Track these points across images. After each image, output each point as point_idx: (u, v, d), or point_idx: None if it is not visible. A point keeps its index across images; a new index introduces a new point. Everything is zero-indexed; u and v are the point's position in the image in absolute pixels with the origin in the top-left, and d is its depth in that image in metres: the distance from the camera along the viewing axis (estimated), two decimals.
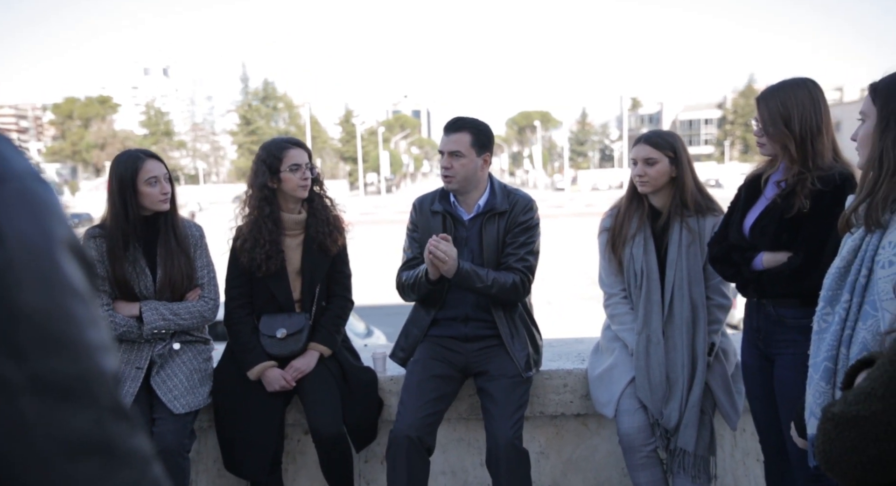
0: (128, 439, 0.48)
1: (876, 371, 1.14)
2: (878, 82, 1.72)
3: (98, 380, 0.47)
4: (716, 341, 2.73)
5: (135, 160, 2.69)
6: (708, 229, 2.72)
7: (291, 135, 38.97)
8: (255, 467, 2.72)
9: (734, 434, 3.00)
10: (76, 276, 0.47)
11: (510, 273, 2.73)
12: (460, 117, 2.83)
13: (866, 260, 1.66)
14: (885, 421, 1.09)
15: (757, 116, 2.40)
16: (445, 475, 3.08)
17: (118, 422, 0.48)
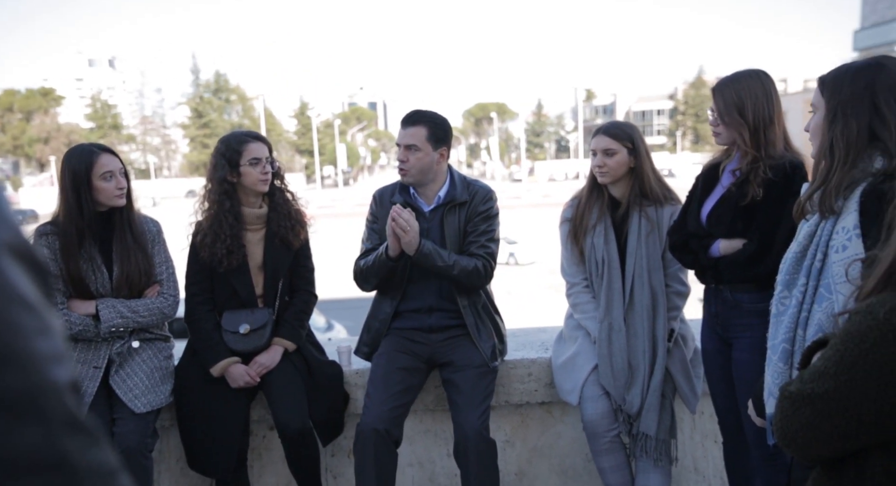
0: (86, 453, 0.45)
1: (828, 351, 1.19)
2: (826, 75, 1.79)
3: (48, 393, 0.44)
4: (675, 327, 2.79)
5: (89, 154, 2.61)
6: (666, 219, 2.78)
7: (246, 128, 38.21)
8: (221, 465, 2.68)
9: (693, 417, 3.08)
10: (21, 282, 0.44)
11: (472, 258, 2.76)
12: (417, 111, 2.83)
13: (821, 245, 1.73)
14: (837, 398, 1.15)
15: (713, 105, 2.46)
16: (413, 466, 3.09)
17: (74, 436, 0.44)
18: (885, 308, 1.11)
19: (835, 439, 1.18)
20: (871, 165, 1.70)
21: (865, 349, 1.11)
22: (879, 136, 1.68)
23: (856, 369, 1.12)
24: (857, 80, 1.71)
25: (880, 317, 1.11)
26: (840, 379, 1.14)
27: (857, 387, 1.12)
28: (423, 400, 2.96)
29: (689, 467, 3.11)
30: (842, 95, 1.71)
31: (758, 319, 2.33)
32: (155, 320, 2.72)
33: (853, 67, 1.75)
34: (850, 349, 1.13)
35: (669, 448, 2.71)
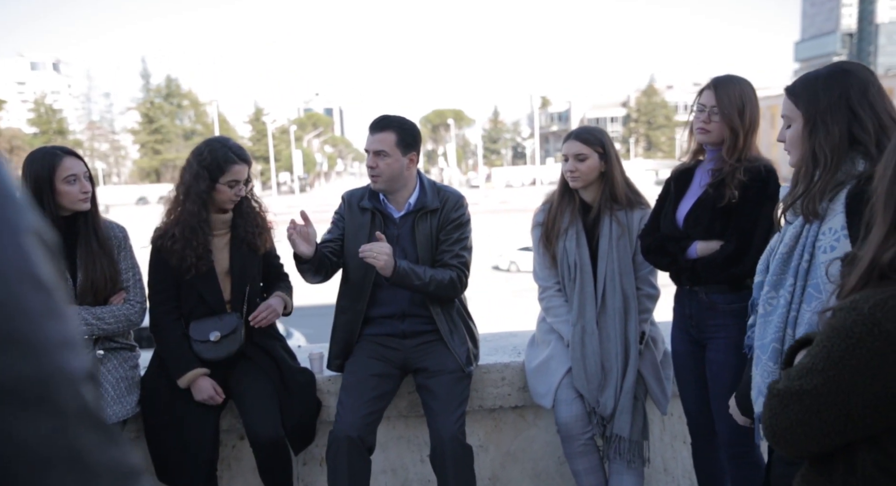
0: (103, 451, 0.42)
1: (815, 348, 1.21)
2: (795, 86, 1.84)
3: (60, 382, 0.40)
4: (646, 329, 2.83)
5: (51, 158, 2.52)
6: (636, 222, 2.82)
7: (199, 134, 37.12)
8: (192, 476, 2.61)
9: (663, 419, 3.12)
10: (40, 264, 0.42)
11: (447, 270, 2.74)
12: (386, 116, 2.81)
13: (807, 246, 1.78)
14: (826, 394, 1.17)
15: (706, 101, 2.43)
16: (386, 473, 3.06)
17: (89, 431, 0.41)
18: (868, 303, 1.14)
19: (824, 434, 1.20)
20: (853, 168, 1.76)
21: (851, 344, 1.13)
22: (859, 139, 1.74)
23: (843, 364, 1.15)
24: (831, 88, 1.76)
25: (865, 312, 1.13)
26: (827, 375, 1.17)
27: (845, 382, 1.15)
28: (397, 406, 2.93)
29: (658, 468, 3.15)
30: (819, 104, 1.76)
31: (732, 319, 2.38)
32: (121, 328, 2.64)
33: (821, 76, 1.80)
34: (837, 345, 1.15)
35: (642, 449, 2.75)
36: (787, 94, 1.85)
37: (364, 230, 2.79)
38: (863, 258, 1.23)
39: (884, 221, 1.22)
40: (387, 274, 2.61)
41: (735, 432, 2.44)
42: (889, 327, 1.12)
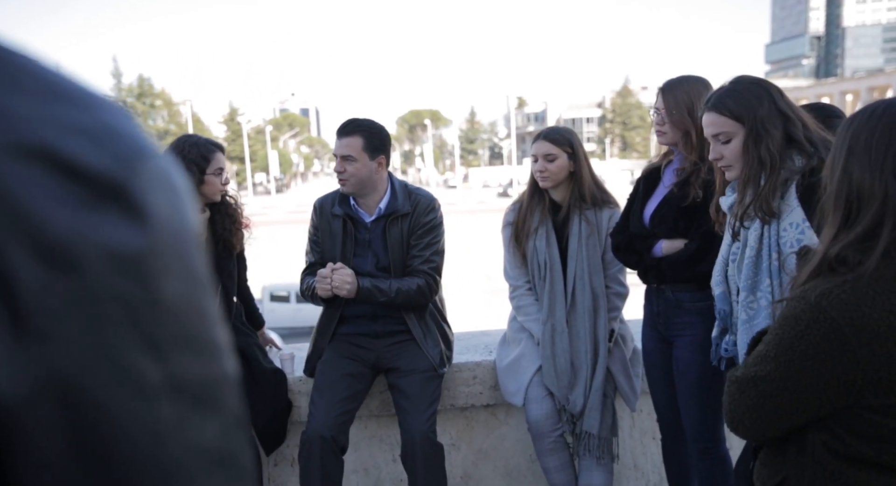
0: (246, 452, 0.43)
1: (769, 336, 1.28)
2: (727, 103, 1.94)
3: (225, 385, 0.41)
4: (615, 327, 2.87)
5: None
6: (605, 221, 2.86)
7: (172, 134, 37.03)
8: None
9: (633, 416, 3.16)
10: (205, 268, 0.43)
11: (414, 278, 2.74)
12: (353, 120, 2.80)
13: (773, 245, 1.83)
14: (777, 379, 1.24)
15: (658, 105, 2.50)
16: (358, 472, 3.06)
17: (241, 433, 0.42)
18: (815, 293, 1.21)
19: (777, 417, 1.27)
20: (793, 164, 1.84)
21: (800, 331, 1.20)
22: (794, 137, 1.86)
23: (793, 351, 1.21)
24: (760, 97, 1.90)
25: (812, 300, 1.20)
26: (779, 361, 1.23)
27: (795, 367, 1.21)
28: (368, 406, 2.93)
29: (628, 464, 3.19)
30: (758, 113, 1.86)
31: (698, 317, 2.42)
32: None
33: (744, 88, 1.94)
34: (787, 332, 1.22)
35: (611, 446, 2.78)
36: (720, 112, 1.94)
37: (338, 237, 2.79)
38: (816, 253, 1.29)
39: (833, 220, 1.27)
40: (350, 296, 2.66)
41: (701, 427, 2.49)
42: (833, 315, 1.18)
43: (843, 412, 1.22)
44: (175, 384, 0.38)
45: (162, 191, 0.40)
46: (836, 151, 1.29)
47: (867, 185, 1.21)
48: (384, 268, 2.77)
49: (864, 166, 1.22)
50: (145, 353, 0.37)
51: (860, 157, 1.22)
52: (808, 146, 1.83)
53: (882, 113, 1.22)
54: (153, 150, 0.41)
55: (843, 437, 1.23)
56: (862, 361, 1.17)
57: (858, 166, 1.22)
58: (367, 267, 2.77)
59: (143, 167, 0.39)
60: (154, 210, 0.38)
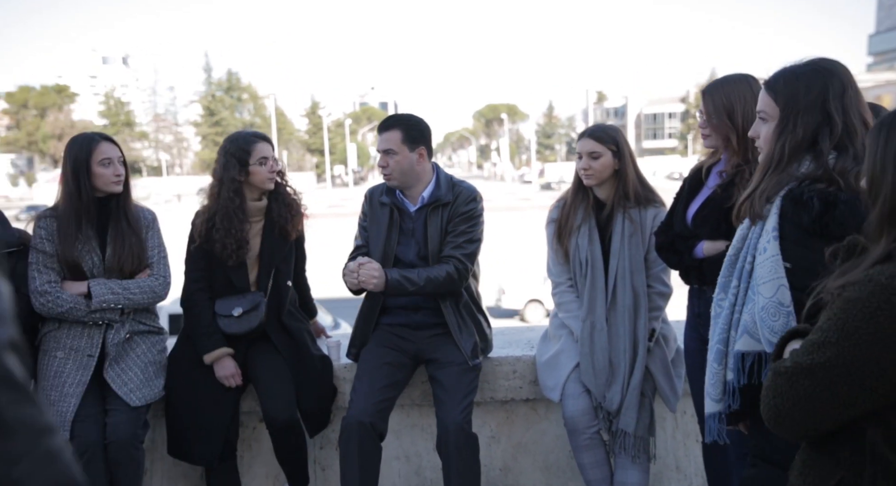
0: (18, 409, 0.47)
1: (826, 323, 1.24)
2: (775, 82, 1.79)
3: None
4: (656, 327, 2.84)
5: (89, 141, 2.74)
6: (649, 220, 2.84)
7: (257, 126, 38.07)
8: (206, 452, 2.76)
9: (676, 417, 3.13)
10: None
11: (444, 265, 2.79)
12: (392, 115, 2.93)
13: (751, 248, 1.78)
14: (840, 365, 1.20)
15: (702, 108, 2.50)
16: (399, 459, 3.16)
17: (6, 391, 0.47)
18: (885, 274, 1.18)
19: (834, 408, 1.22)
20: (798, 169, 1.74)
21: (869, 313, 1.17)
22: (819, 142, 1.72)
23: (859, 335, 1.18)
24: (811, 87, 1.72)
25: (882, 282, 1.17)
26: (842, 346, 1.20)
27: (861, 352, 1.18)
28: (410, 395, 3.02)
29: (671, 465, 3.16)
30: (798, 103, 1.73)
31: None
32: (146, 299, 2.80)
33: (803, 74, 1.76)
34: (853, 315, 1.19)
35: (648, 446, 2.77)
36: (767, 89, 1.82)
37: (383, 226, 2.89)
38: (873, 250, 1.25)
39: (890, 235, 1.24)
40: (379, 290, 2.73)
41: (741, 432, 2.44)
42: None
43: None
44: None
45: None
46: (876, 166, 1.26)
47: None
48: (425, 257, 2.84)
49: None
50: None
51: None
52: (826, 155, 1.71)
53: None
54: None
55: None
56: None
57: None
58: (410, 256, 2.86)
59: None
60: None
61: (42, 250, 2.70)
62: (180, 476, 3.08)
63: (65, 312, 2.67)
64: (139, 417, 2.70)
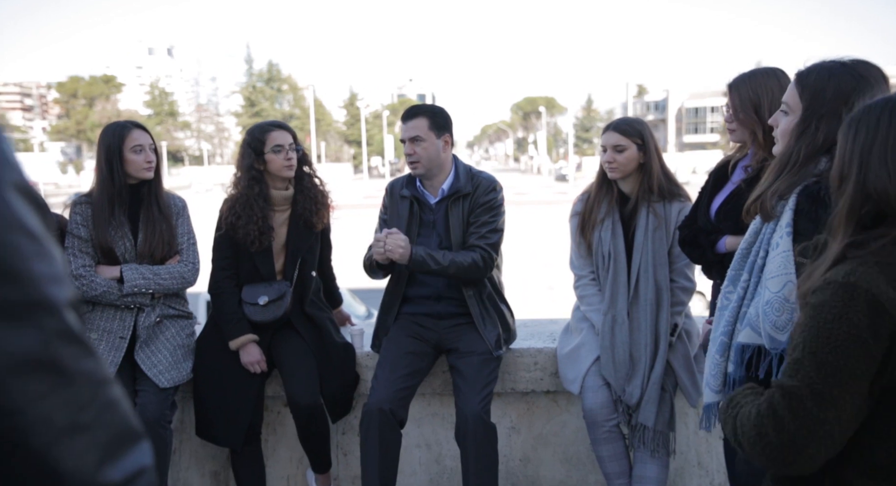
0: (79, 361, 0.52)
1: (801, 335, 1.25)
2: (806, 76, 1.75)
3: (44, 307, 0.51)
4: (679, 322, 2.83)
5: (122, 129, 2.83)
6: (674, 215, 2.82)
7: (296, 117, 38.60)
8: (230, 435, 2.83)
9: (699, 413, 3.09)
10: (25, 213, 0.52)
11: (470, 252, 2.83)
12: (415, 105, 2.96)
13: (763, 242, 1.76)
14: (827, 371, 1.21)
15: (728, 102, 2.47)
16: (420, 447, 3.20)
17: (68, 345, 0.52)
18: (840, 274, 1.20)
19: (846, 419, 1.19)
20: (815, 167, 1.71)
21: (838, 313, 1.18)
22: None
23: (834, 336, 1.18)
24: (840, 91, 1.68)
25: (839, 281, 1.19)
26: (822, 352, 1.19)
27: (842, 353, 1.17)
28: (432, 384, 3.05)
29: (692, 461, 3.14)
30: (822, 106, 1.69)
31: None
32: (176, 285, 2.88)
33: (834, 74, 1.71)
34: (823, 320, 1.19)
35: (667, 440, 2.76)
36: (796, 81, 1.78)
37: (404, 218, 2.92)
38: (828, 252, 1.26)
39: (848, 226, 1.24)
40: (403, 262, 2.75)
41: None
42: (865, 286, 1.16)
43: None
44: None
45: None
46: (844, 162, 1.25)
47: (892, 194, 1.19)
48: (447, 248, 2.86)
49: (882, 178, 1.19)
50: None
51: (875, 168, 1.19)
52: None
53: (889, 117, 1.19)
54: None
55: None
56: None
57: (875, 178, 1.19)
58: (431, 248, 2.88)
59: None
60: None
61: (77, 235, 2.80)
62: (208, 457, 3.17)
63: (98, 295, 2.77)
64: (167, 398, 2.79)
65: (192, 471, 3.19)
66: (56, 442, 0.50)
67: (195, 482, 3.19)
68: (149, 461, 0.57)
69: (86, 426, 0.52)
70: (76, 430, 0.52)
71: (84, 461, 0.52)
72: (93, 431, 0.53)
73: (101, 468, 0.52)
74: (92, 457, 0.52)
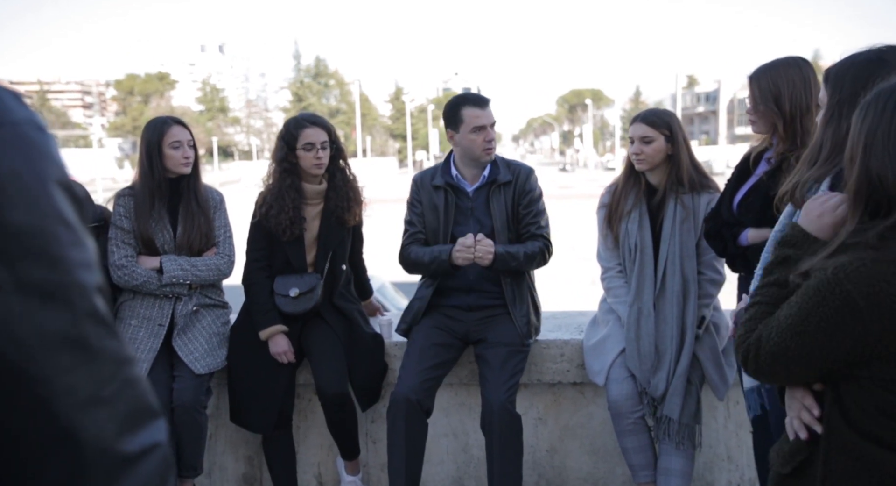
0: (104, 340, 0.58)
1: (789, 308, 1.35)
2: (832, 68, 1.75)
3: (77, 289, 0.57)
4: (706, 314, 2.80)
5: (161, 125, 2.93)
6: (702, 206, 2.79)
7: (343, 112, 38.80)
8: (261, 421, 2.92)
9: (728, 406, 3.07)
10: (65, 206, 0.57)
11: (536, 242, 2.91)
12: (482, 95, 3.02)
13: None
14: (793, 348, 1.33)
15: (749, 93, 2.44)
16: (447, 436, 3.24)
17: (94, 325, 0.57)
18: (833, 266, 1.24)
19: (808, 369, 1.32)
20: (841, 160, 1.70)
21: (818, 302, 1.25)
22: None
23: (809, 320, 1.27)
24: (858, 77, 1.66)
25: (829, 273, 1.23)
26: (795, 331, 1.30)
27: (810, 338, 1.27)
28: (458, 375, 3.09)
29: (721, 455, 3.11)
30: (841, 93, 1.68)
31: None
32: (212, 276, 2.98)
33: (856, 62, 1.70)
34: (807, 303, 1.27)
35: (693, 433, 2.74)
36: (824, 77, 1.78)
37: (440, 207, 2.96)
38: (835, 240, 1.27)
39: (854, 213, 1.26)
40: (486, 264, 2.80)
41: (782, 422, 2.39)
42: (849, 288, 1.19)
43: (854, 384, 1.25)
44: (23, 285, 0.54)
45: (14, 150, 0.55)
46: (853, 144, 1.25)
47: (891, 179, 1.18)
48: (487, 235, 2.89)
49: (884, 163, 1.18)
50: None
51: (878, 152, 1.19)
52: None
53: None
54: (15, 118, 0.57)
55: (854, 411, 1.25)
56: (872, 336, 1.18)
57: (877, 162, 1.19)
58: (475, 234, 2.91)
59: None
60: (2, 162, 0.54)
61: (120, 226, 2.93)
62: (242, 442, 3.27)
63: (139, 285, 2.88)
64: (202, 384, 2.89)
65: (227, 455, 3.30)
66: (78, 411, 0.55)
67: (230, 465, 3.30)
68: (163, 438, 0.61)
69: (107, 400, 0.57)
70: (98, 402, 0.56)
71: (103, 431, 0.56)
72: (113, 404, 0.57)
73: (119, 439, 0.57)
74: (111, 428, 0.56)
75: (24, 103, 0.59)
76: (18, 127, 0.56)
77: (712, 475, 3.13)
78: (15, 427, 0.53)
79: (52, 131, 0.60)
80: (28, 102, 0.60)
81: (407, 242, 3.03)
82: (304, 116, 3.09)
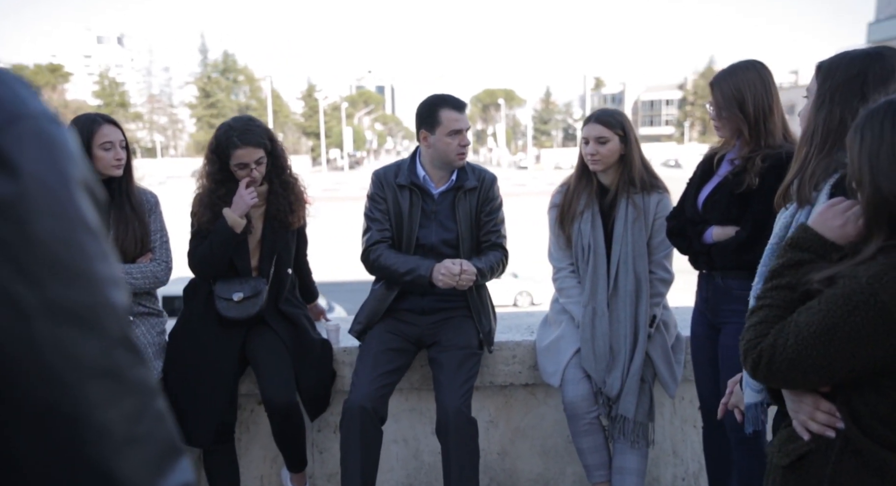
0: (134, 369, 0.51)
1: (810, 316, 1.32)
2: (824, 60, 1.77)
3: (107, 311, 0.49)
4: (657, 313, 2.84)
5: (91, 123, 2.68)
6: (652, 206, 2.82)
7: (253, 109, 37.89)
8: (201, 435, 2.74)
9: (674, 403, 3.13)
10: (89, 212, 0.50)
11: (497, 252, 2.92)
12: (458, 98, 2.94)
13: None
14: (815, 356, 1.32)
15: (711, 100, 2.48)
16: (398, 443, 3.16)
17: (126, 353, 0.50)
18: (867, 274, 1.22)
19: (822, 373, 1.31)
20: (846, 155, 1.73)
21: (849, 310, 1.23)
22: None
23: (836, 330, 1.25)
24: (852, 67, 1.68)
25: (863, 282, 1.22)
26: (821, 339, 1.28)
27: (835, 347, 1.26)
28: (409, 379, 3.01)
29: (667, 450, 3.17)
30: (833, 81, 1.69)
31: (746, 305, 2.37)
32: (147, 284, 2.77)
33: (851, 54, 1.72)
34: (833, 312, 1.25)
35: (647, 431, 2.77)
36: (815, 68, 1.79)
37: (404, 208, 2.85)
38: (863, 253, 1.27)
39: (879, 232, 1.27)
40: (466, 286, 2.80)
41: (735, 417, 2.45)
42: (885, 299, 1.18)
43: (870, 389, 1.25)
44: (51, 308, 0.46)
45: (37, 148, 0.47)
46: (857, 168, 1.26)
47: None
48: (448, 240, 2.83)
49: (892, 178, 1.20)
50: (20, 281, 0.44)
51: (885, 171, 1.20)
52: None
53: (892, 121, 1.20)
54: (32, 112, 0.49)
55: (865, 415, 1.25)
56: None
57: (886, 181, 1.20)
58: (432, 239, 2.84)
59: (16, 128, 0.47)
60: (24, 164, 0.46)
61: None
62: None
63: None
64: None
65: None
66: (114, 453, 0.48)
67: None
68: (192, 479, 0.54)
69: (140, 438, 0.50)
70: (132, 441, 0.49)
71: (140, 475, 0.49)
72: (145, 443, 0.50)
73: (153, 482, 0.50)
74: (146, 471, 0.50)
75: (35, 93, 0.51)
76: (36, 121, 0.49)
77: (658, 470, 3.19)
78: (46, 473, 0.46)
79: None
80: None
81: (373, 241, 2.88)
82: (236, 129, 2.78)
